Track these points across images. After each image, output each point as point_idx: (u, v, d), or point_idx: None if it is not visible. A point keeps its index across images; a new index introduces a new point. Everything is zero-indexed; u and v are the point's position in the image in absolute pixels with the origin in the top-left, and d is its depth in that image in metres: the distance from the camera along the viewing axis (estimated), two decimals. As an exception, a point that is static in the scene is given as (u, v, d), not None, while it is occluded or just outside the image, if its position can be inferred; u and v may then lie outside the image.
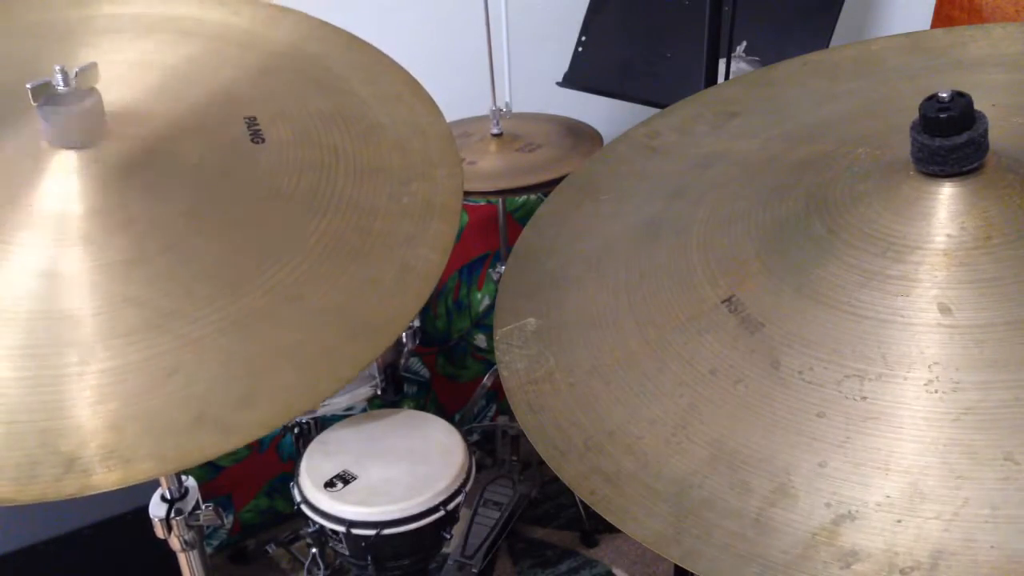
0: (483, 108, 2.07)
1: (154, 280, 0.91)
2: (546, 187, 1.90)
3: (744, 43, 1.92)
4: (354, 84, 1.14)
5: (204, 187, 0.99)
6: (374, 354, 0.93)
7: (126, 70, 1.00)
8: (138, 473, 0.82)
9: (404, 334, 1.71)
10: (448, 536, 1.58)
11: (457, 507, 1.56)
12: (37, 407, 0.84)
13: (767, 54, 1.90)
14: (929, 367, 0.75)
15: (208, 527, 1.17)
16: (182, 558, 1.17)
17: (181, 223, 0.95)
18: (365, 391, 1.68)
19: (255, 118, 1.05)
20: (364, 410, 1.75)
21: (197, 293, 0.91)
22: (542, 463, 0.84)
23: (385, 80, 1.15)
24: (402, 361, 1.74)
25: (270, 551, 2.15)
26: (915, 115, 0.82)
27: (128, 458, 0.83)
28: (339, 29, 1.20)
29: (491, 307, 2.38)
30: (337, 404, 1.67)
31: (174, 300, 0.90)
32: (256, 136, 1.03)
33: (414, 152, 1.08)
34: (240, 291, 0.92)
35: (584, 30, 2.19)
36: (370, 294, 0.94)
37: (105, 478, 0.82)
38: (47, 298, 0.90)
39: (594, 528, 2.17)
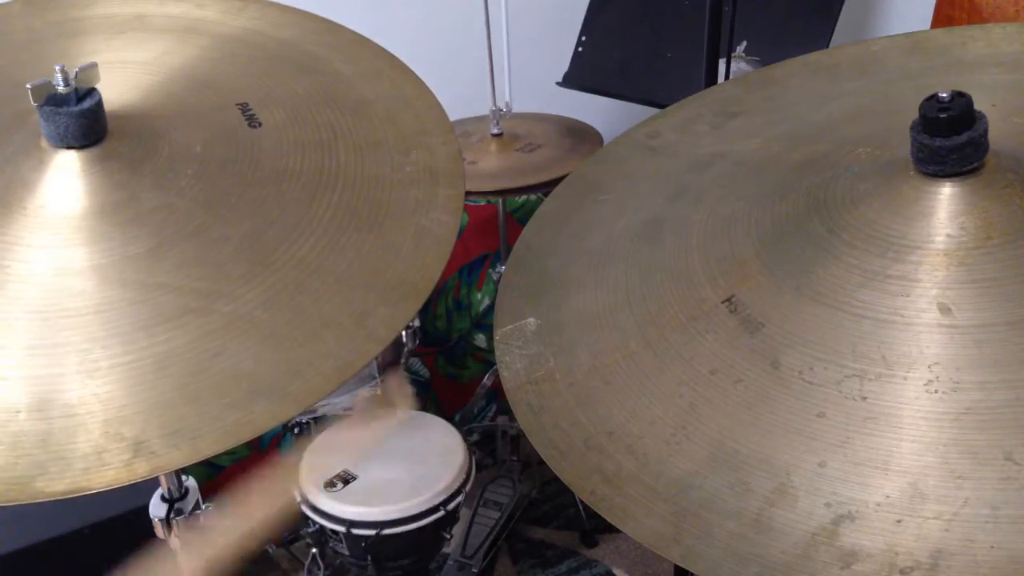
0: (483, 108, 2.07)
1: (183, 266, 0.94)
2: (546, 187, 1.90)
3: (744, 43, 1.92)
4: (335, 64, 1.16)
5: (212, 174, 1.00)
6: (408, 316, 0.96)
7: (106, 70, 1.02)
8: (204, 448, 0.85)
9: (404, 334, 1.71)
10: (448, 536, 1.58)
11: (457, 507, 1.56)
12: (93, 398, 0.87)
13: (767, 54, 1.90)
14: (929, 367, 0.75)
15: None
16: (182, 558, 1.18)
17: (197, 210, 0.97)
18: (365, 391, 1.68)
19: (247, 104, 1.07)
20: (364, 410, 1.75)
21: (229, 274, 0.94)
22: (542, 463, 0.84)
23: (364, 58, 1.17)
24: (402, 361, 1.74)
25: (270, 551, 2.15)
26: (915, 115, 0.82)
27: (192, 435, 0.85)
28: (307, 13, 1.22)
29: (491, 307, 2.38)
30: (337, 404, 1.67)
31: (208, 282, 0.93)
32: (252, 121, 1.05)
33: (406, 123, 1.10)
34: (268, 268, 0.95)
35: (584, 30, 2.19)
36: (392, 259, 0.98)
37: (173, 457, 0.85)
38: (79, 294, 0.91)
39: (594, 528, 2.17)
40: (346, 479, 1.55)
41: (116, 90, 1.04)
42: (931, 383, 0.75)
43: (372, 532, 1.50)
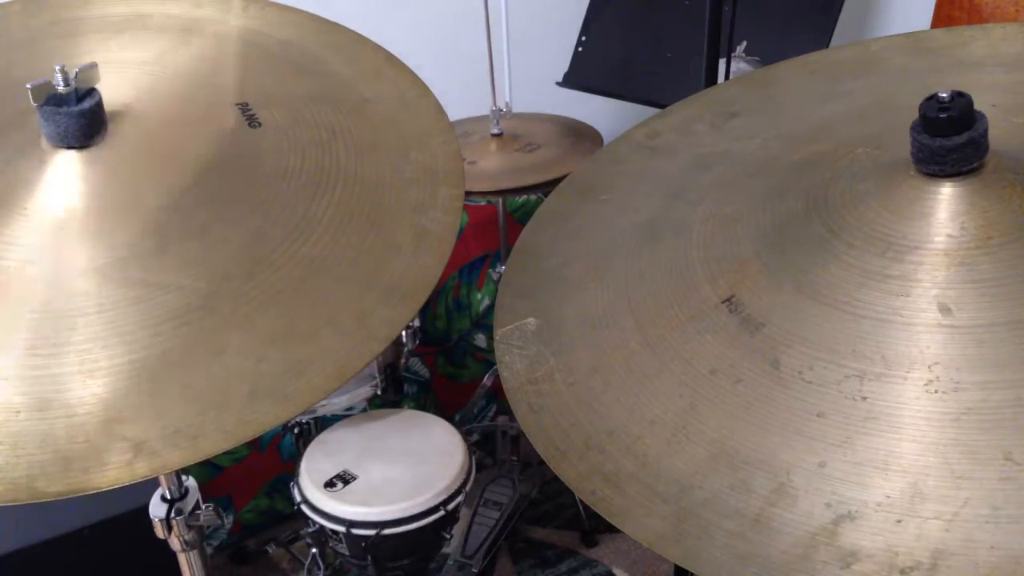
0: (483, 108, 2.07)
1: (185, 265, 0.94)
2: (546, 187, 1.90)
3: (744, 43, 1.92)
4: (334, 64, 1.16)
5: (213, 174, 1.00)
6: (408, 315, 0.96)
7: (106, 70, 1.02)
8: (205, 448, 0.85)
9: (404, 334, 1.71)
10: (448, 536, 1.58)
11: (457, 507, 1.56)
12: (93, 399, 0.87)
13: (767, 54, 1.90)
14: (929, 367, 0.75)
15: (208, 527, 1.17)
16: (182, 558, 1.17)
17: (198, 210, 0.97)
18: (365, 391, 1.68)
19: (247, 104, 1.07)
20: (364, 410, 1.76)
21: (231, 274, 0.94)
22: (542, 463, 0.84)
23: (364, 58, 1.17)
24: (402, 361, 1.74)
25: (270, 551, 2.15)
26: (915, 115, 0.82)
27: (193, 435, 0.86)
28: (307, 12, 1.21)
29: (491, 307, 2.38)
30: (337, 404, 1.67)
31: (209, 282, 0.93)
32: (252, 121, 1.05)
33: (406, 124, 1.10)
34: (269, 268, 0.95)
35: (584, 30, 2.19)
36: (393, 259, 0.98)
37: (175, 457, 0.85)
38: (80, 294, 0.91)
39: (594, 528, 2.17)
40: (346, 479, 1.55)
41: (116, 90, 1.04)
42: (931, 383, 0.75)
43: (372, 532, 1.49)
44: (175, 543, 1.15)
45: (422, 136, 1.09)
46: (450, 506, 1.53)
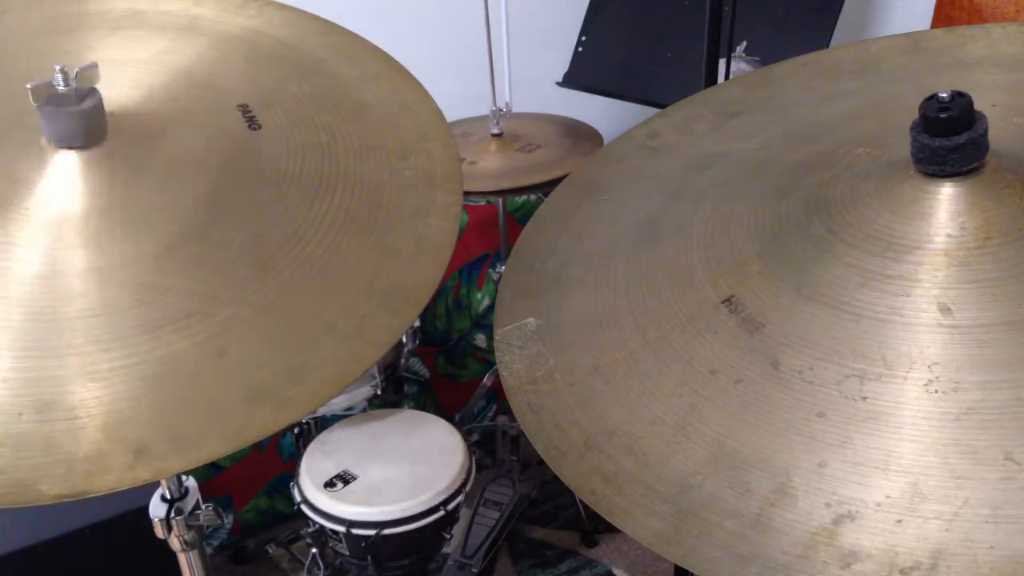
0: (483, 108, 2.07)
1: (186, 268, 0.94)
2: (546, 187, 1.90)
3: (744, 43, 1.92)
4: (334, 66, 1.15)
5: (214, 176, 1.00)
6: (408, 321, 0.96)
7: (104, 68, 1.01)
8: (206, 452, 0.85)
9: (404, 334, 1.71)
10: (448, 536, 1.58)
11: (457, 507, 1.56)
12: (94, 401, 0.87)
13: (767, 54, 1.90)
14: (929, 367, 0.75)
15: (208, 527, 1.17)
16: (182, 558, 1.17)
17: (200, 213, 0.97)
18: (365, 391, 1.68)
19: (247, 105, 1.07)
20: (364, 410, 1.75)
21: (232, 276, 0.94)
22: (542, 463, 0.84)
23: (364, 61, 1.17)
24: (402, 361, 1.74)
25: (270, 551, 2.15)
26: (915, 115, 0.82)
27: (194, 440, 0.86)
28: (305, 12, 1.21)
29: (491, 307, 2.38)
30: (337, 404, 1.67)
31: (211, 285, 0.93)
32: (252, 123, 1.05)
33: (405, 128, 1.10)
34: (270, 272, 0.95)
35: (584, 30, 2.19)
36: (392, 265, 0.98)
37: (176, 461, 0.85)
38: (81, 296, 0.91)
39: (594, 528, 2.17)
40: (346, 479, 1.55)
41: (116, 90, 1.04)
42: (931, 383, 0.75)
43: (372, 532, 1.49)
44: (175, 543, 1.15)
45: (420, 140, 1.09)
46: (450, 506, 1.53)
